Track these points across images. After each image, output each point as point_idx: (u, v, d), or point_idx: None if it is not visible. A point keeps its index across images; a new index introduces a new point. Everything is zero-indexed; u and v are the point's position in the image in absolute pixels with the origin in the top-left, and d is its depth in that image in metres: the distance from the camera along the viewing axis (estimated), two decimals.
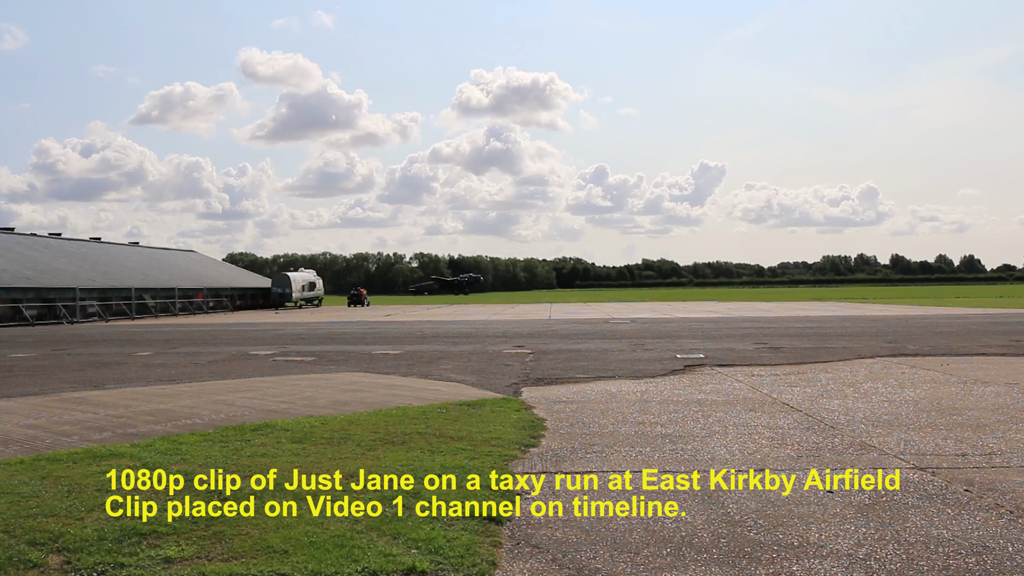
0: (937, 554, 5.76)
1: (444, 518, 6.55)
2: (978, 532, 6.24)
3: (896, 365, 18.25)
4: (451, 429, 10.50)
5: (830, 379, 15.91)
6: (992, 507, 6.92)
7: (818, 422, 11.06)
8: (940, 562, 5.60)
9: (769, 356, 20.81)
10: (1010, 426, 10.58)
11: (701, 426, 10.85)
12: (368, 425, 10.77)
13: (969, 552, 5.79)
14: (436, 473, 7.99)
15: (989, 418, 11.18)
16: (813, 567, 5.53)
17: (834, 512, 6.81)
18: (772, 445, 9.57)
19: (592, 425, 11.01)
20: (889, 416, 11.45)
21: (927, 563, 5.58)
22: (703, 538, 6.17)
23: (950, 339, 25.85)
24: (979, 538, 6.09)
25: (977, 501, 7.11)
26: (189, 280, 71.74)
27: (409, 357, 21.92)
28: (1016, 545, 5.92)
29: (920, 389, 14.19)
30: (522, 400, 13.42)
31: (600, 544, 6.05)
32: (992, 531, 6.26)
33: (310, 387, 15.23)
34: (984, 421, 10.96)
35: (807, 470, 8.30)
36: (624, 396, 13.81)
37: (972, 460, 8.69)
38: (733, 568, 5.54)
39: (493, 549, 5.91)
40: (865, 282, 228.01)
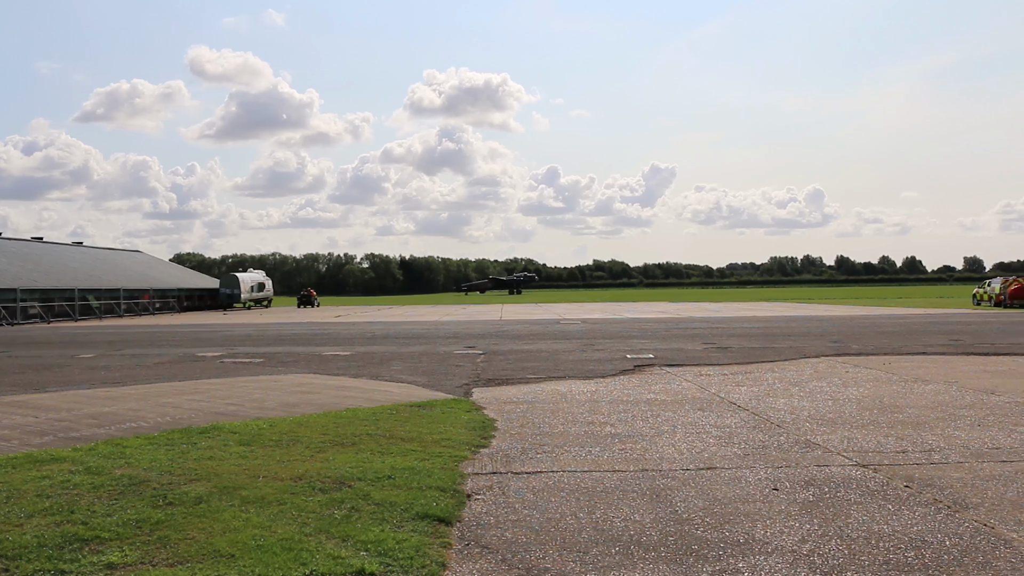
0: (878, 549, 5.88)
1: (394, 520, 6.53)
2: (917, 527, 6.39)
3: (840, 364, 18.60)
4: (401, 430, 10.46)
5: (776, 378, 16.16)
6: (931, 502, 7.09)
7: (764, 421, 11.23)
8: (881, 556, 5.72)
9: (717, 356, 21.07)
10: (948, 423, 10.84)
11: (650, 426, 10.95)
12: (317, 427, 10.68)
13: (909, 546, 5.93)
14: (386, 475, 7.96)
15: (929, 416, 11.45)
16: (758, 564, 5.62)
17: (779, 509, 6.92)
18: (719, 444, 9.69)
19: (542, 425, 11.05)
20: (833, 414, 11.67)
21: (868, 558, 5.70)
22: (651, 536, 6.23)
23: (892, 339, 26.41)
24: (918, 532, 6.24)
25: (917, 497, 7.28)
26: (135, 281, 70.44)
27: (359, 358, 21.79)
28: (953, 539, 6.08)
29: (863, 388, 14.47)
30: (473, 401, 13.42)
31: (549, 543, 6.08)
32: (931, 525, 6.41)
33: (259, 389, 15.07)
34: (924, 419, 11.22)
35: (753, 468, 8.42)
36: (574, 396, 13.88)
37: (912, 457, 8.89)
38: (680, 566, 5.61)
39: (442, 550, 5.91)
40: (811, 283, 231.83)
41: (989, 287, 59.46)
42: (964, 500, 7.15)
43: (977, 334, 28.09)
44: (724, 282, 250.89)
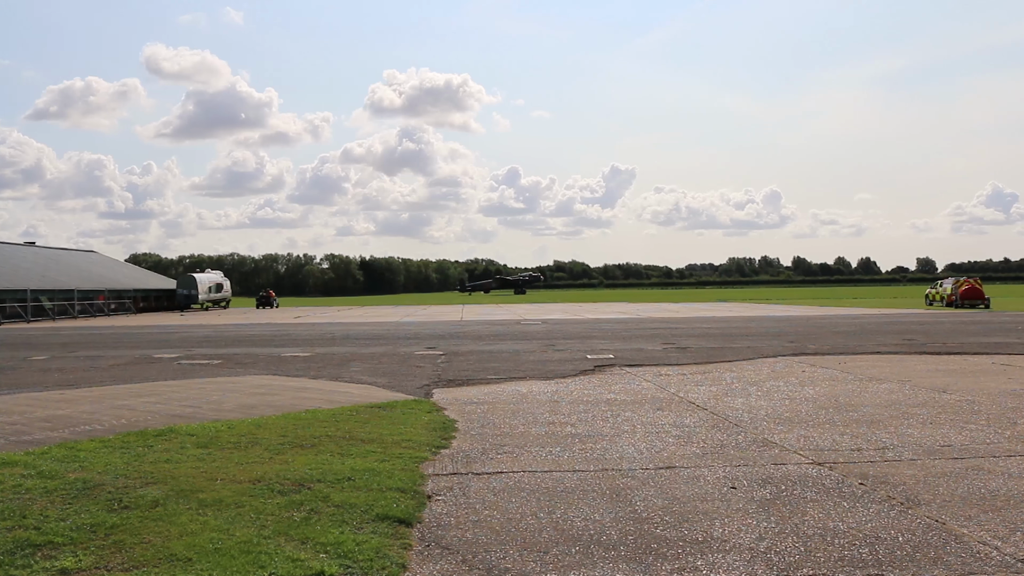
0: (833, 545, 5.97)
1: (353, 521, 6.50)
2: (871, 523, 6.50)
3: (797, 364, 18.84)
4: (361, 432, 10.41)
5: (734, 378, 16.32)
6: (885, 499, 7.22)
7: (723, 420, 11.34)
8: (836, 553, 5.81)
9: (676, 356, 21.23)
10: (902, 421, 11.04)
11: (610, 426, 11.01)
12: (276, 429, 10.59)
13: (863, 543, 6.03)
14: (346, 476, 7.92)
15: (882, 414, 11.65)
16: (716, 561, 5.68)
17: (737, 507, 7.00)
18: (679, 443, 9.78)
19: (503, 426, 11.07)
20: (790, 413, 11.82)
21: (824, 554, 5.79)
22: (611, 536, 6.27)
23: (848, 338, 26.81)
24: (872, 529, 6.35)
25: (871, 494, 7.41)
26: (89, 281, 69.24)
27: (319, 359, 21.64)
28: (906, 535, 6.19)
29: (819, 387, 14.68)
30: (433, 402, 13.39)
31: (510, 544, 6.09)
32: (884, 522, 6.53)
33: (217, 391, 14.90)
34: (878, 417, 11.41)
35: (712, 467, 8.51)
36: (535, 397, 13.91)
37: (866, 455, 9.04)
38: (640, 564, 5.65)
39: (403, 551, 5.89)
40: (768, 283, 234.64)
41: (941, 288, 60.61)
42: (917, 497, 7.28)
43: (929, 334, 28.61)
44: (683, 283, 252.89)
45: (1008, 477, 7.93)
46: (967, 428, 10.51)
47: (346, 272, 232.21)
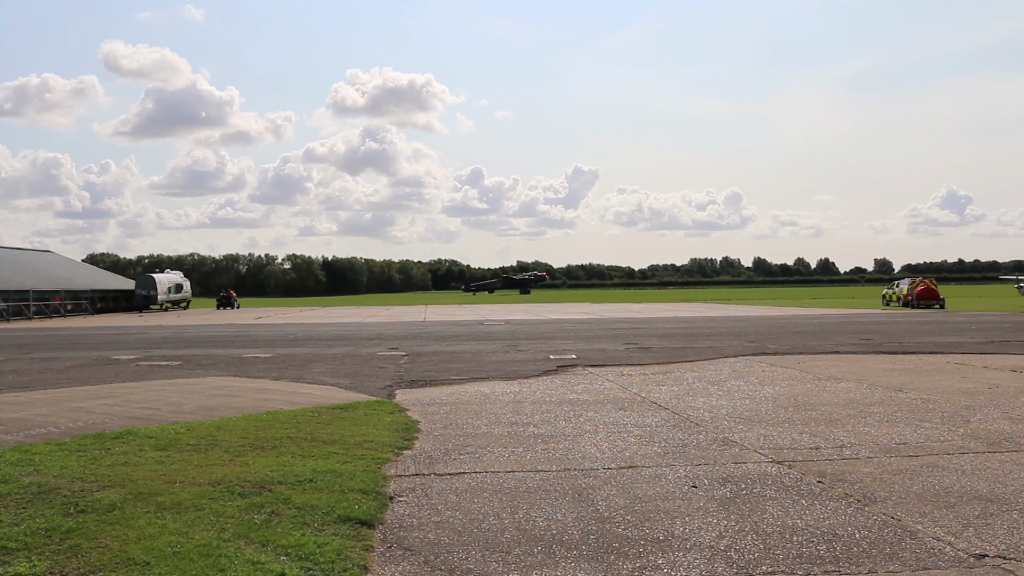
0: (792, 543, 6.05)
1: (315, 523, 6.46)
2: (829, 521, 6.59)
3: (757, 363, 19.04)
4: (323, 433, 10.35)
5: (696, 378, 16.46)
6: (842, 497, 7.32)
7: (684, 420, 11.43)
8: (795, 550, 5.89)
9: (639, 356, 21.36)
10: (859, 420, 11.20)
11: (573, 426, 11.05)
12: (237, 430, 10.50)
13: (821, 540, 6.11)
14: (308, 478, 7.87)
15: (840, 413, 11.81)
16: (677, 560, 5.73)
17: (698, 506, 7.06)
18: (640, 443, 9.84)
19: (466, 426, 11.06)
20: (750, 412, 11.94)
21: (783, 552, 5.86)
22: (573, 535, 6.29)
23: (807, 338, 27.15)
24: (830, 526, 6.44)
25: (829, 492, 7.51)
26: (45, 282, 68.04)
27: (280, 360, 21.47)
28: (863, 532, 6.29)
29: (779, 386, 14.85)
30: (396, 403, 13.35)
31: (472, 544, 6.09)
32: (842, 519, 6.62)
33: (176, 392, 14.73)
34: (836, 416, 11.57)
35: (673, 466, 8.57)
36: (498, 397, 13.92)
37: (824, 453, 9.16)
38: (601, 563, 5.68)
39: (365, 553, 5.87)
40: (729, 284, 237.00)
41: (898, 288, 61.59)
42: (873, 494, 7.40)
43: (886, 333, 29.06)
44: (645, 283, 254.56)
45: (961, 474, 8.08)
46: (922, 426, 10.69)
47: (308, 272, 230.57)
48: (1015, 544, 5.97)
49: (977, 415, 11.48)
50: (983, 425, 10.72)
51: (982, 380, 15.44)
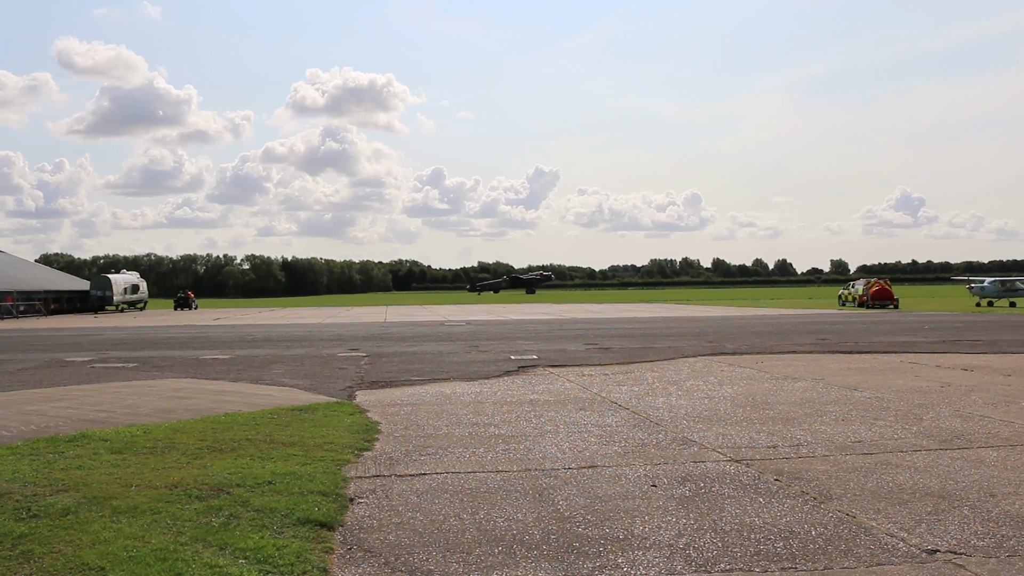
0: (750, 540, 6.12)
1: (274, 526, 6.41)
2: (786, 518, 6.68)
3: (716, 363, 19.23)
4: (283, 435, 10.27)
5: (656, 378, 16.58)
6: (799, 494, 7.43)
7: (644, 419, 11.51)
8: (752, 548, 5.96)
9: (599, 356, 21.46)
10: (815, 418, 11.36)
11: (534, 426, 11.08)
12: (194, 433, 10.38)
13: (778, 537, 6.19)
14: (267, 480, 7.80)
15: (797, 412, 11.97)
16: (637, 558, 5.77)
17: (657, 505, 7.12)
18: (601, 443, 9.89)
19: (427, 427, 11.04)
20: (709, 412, 12.06)
21: (741, 549, 5.93)
22: (534, 535, 6.31)
23: (765, 338, 27.46)
24: (787, 524, 6.53)
25: (786, 489, 7.61)
26: None
27: (239, 362, 21.25)
28: (819, 529, 6.38)
29: (737, 386, 15.01)
30: (356, 404, 13.28)
31: (433, 545, 6.08)
32: (798, 517, 6.71)
33: (132, 395, 14.52)
34: (793, 415, 11.72)
35: (633, 466, 8.63)
36: (459, 398, 13.91)
37: (782, 451, 9.28)
38: (562, 563, 5.70)
39: (325, 555, 5.84)
40: (689, 284, 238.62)
41: (853, 288, 62.52)
42: (829, 491, 7.51)
43: (842, 333, 29.50)
44: (606, 284, 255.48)
45: (914, 471, 8.23)
46: (876, 424, 10.87)
47: (268, 273, 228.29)
48: (966, 540, 6.10)
49: (929, 413, 11.70)
50: (935, 423, 10.93)
51: (934, 379, 15.73)
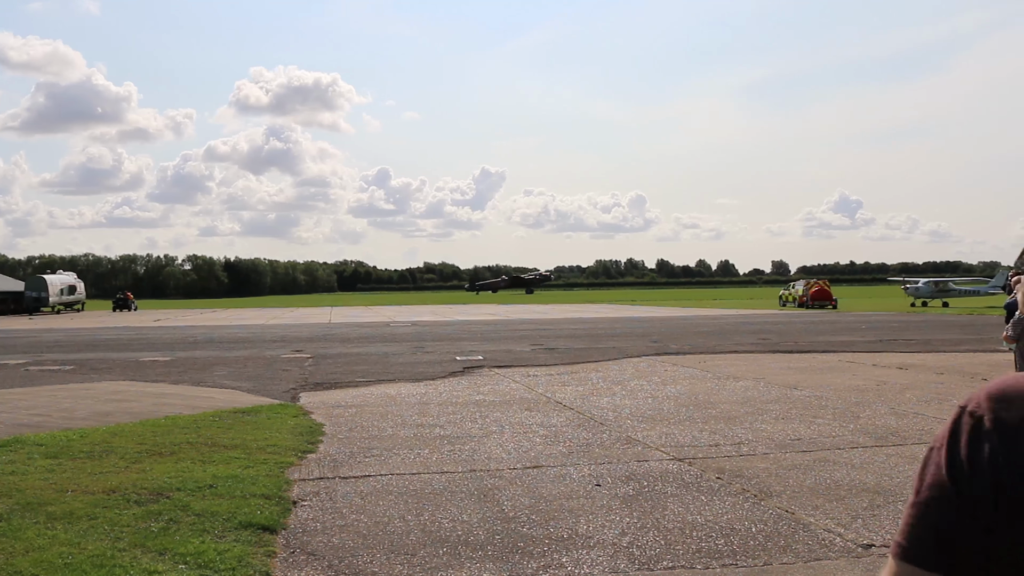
0: (692, 538, 6.21)
1: (215, 530, 6.32)
2: (728, 516, 6.78)
3: (660, 363, 19.43)
4: (224, 438, 10.12)
5: (600, 378, 16.70)
6: (740, 492, 7.55)
7: (588, 419, 11.59)
8: (694, 545, 6.04)
9: (545, 357, 21.54)
10: (756, 417, 11.55)
11: (479, 426, 11.09)
12: (133, 436, 10.18)
13: (720, 534, 6.28)
14: (208, 484, 7.69)
15: (739, 410, 12.16)
16: (581, 557, 5.81)
17: (601, 504, 7.17)
18: (546, 443, 9.93)
19: (371, 429, 10.98)
20: (653, 411, 12.19)
21: (683, 547, 6.00)
22: (479, 536, 6.32)
23: (708, 338, 27.83)
24: (728, 521, 6.63)
25: (727, 487, 7.73)
26: None
27: (180, 364, 20.89)
28: (759, 526, 6.49)
29: (680, 385, 15.19)
30: (300, 406, 13.16)
31: (377, 548, 6.06)
32: (740, 514, 6.82)
33: (68, 398, 14.19)
34: (734, 413, 11.90)
35: (578, 465, 8.69)
36: (404, 399, 13.86)
37: (723, 450, 9.42)
38: (506, 563, 5.72)
39: (267, 559, 5.78)
40: (634, 285, 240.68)
41: (793, 289, 63.71)
42: (769, 489, 7.64)
43: (783, 333, 30.03)
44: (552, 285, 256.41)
45: (851, 468, 8.41)
46: (815, 422, 11.09)
47: (210, 274, 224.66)
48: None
49: (866, 411, 11.97)
50: (871, 421, 11.18)
51: (871, 377, 16.10)
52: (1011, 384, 1.14)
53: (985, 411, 1.13)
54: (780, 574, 5.49)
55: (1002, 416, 1.11)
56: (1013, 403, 1.11)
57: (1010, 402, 1.12)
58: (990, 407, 1.12)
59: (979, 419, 1.13)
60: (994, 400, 1.13)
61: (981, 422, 1.12)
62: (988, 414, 1.12)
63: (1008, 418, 1.10)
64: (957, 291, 57.90)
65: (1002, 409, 1.11)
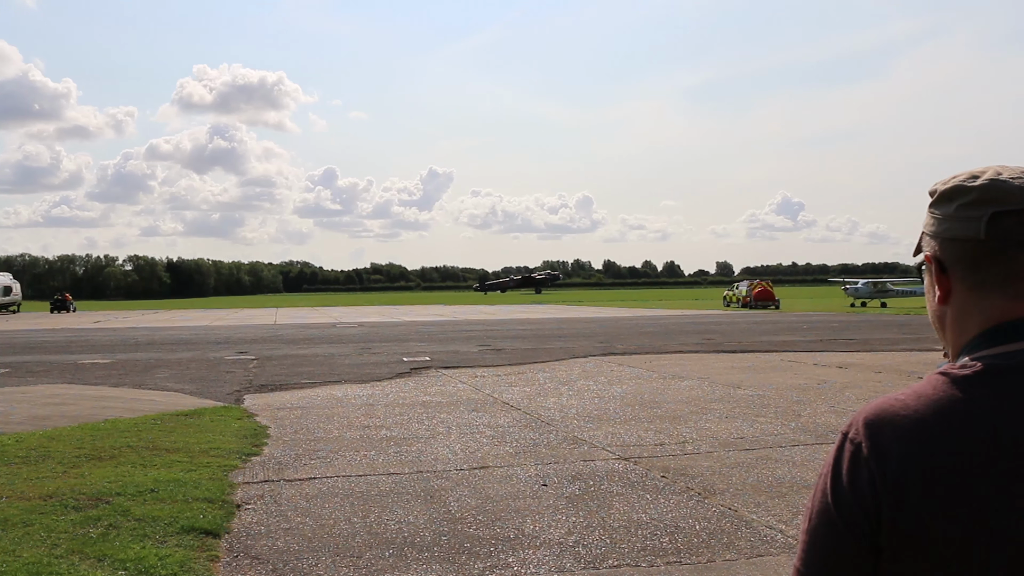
0: (637, 536, 6.27)
1: (156, 535, 6.22)
2: (672, 514, 6.87)
3: (606, 363, 19.57)
4: (166, 441, 9.96)
5: (547, 378, 16.76)
6: (684, 490, 7.64)
7: (535, 419, 11.63)
8: (639, 543, 6.10)
9: (492, 357, 21.56)
10: (700, 416, 11.70)
11: (426, 428, 11.06)
12: (72, 440, 9.96)
13: (664, 532, 6.36)
14: (149, 488, 7.56)
15: (683, 410, 12.30)
16: (527, 557, 5.84)
17: (547, 504, 7.21)
18: (492, 443, 9.95)
19: (317, 431, 10.89)
20: (599, 411, 12.27)
21: (628, 545, 6.06)
22: (425, 537, 6.31)
23: (653, 338, 28.10)
24: (672, 519, 6.71)
25: (672, 486, 7.82)
26: None
27: (121, 366, 20.48)
28: (703, 523, 6.58)
29: (626, 385, 15.32)
30: (244, 408, 13.00)
31: (322, 551, 6.01)
32: (684, 512, 6.91)
33: (3, 402, 13.82)
34: (679, 413, 12.05)
35: (524, 465, 8.72)
36: (350, 400, 13.76)
37: (668, 449, 9.53)
38: (453, 564, 5.72)
39: (210, 564, 5.70)
40: (581, 286, 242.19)
41: (737, 290, 64.64)
42: (712, 487, 7.75)
43: (727, 333, 30.44)
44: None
45: (792, 465, 8.58)
46: (758, 421, 11.27)
47: (151, 274, 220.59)
48: None
49: (807, 409, 12.20)
50: (812, 419, 11.40)
51: (812, 376, 16.41)
52: (885, 408, 1.18)
53: (863, 438, 1.17)
54: (723, 570, 5.57)
55: (877, 441, 1.16)
56: (885, 428, 1.16)
57: (882, 427, 1.16)
58: (866, 433, 1.17)
59: (858, 445, 1.18)
60: (869, 426, 1.18)
61: (860, 448, 1.17)
62: (865, 441, 1.17)
63: (882, 443, 1.15)
64: (895, 292, 59.31)
65: (876, 435, 1.16)
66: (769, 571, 5.55)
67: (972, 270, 1.23)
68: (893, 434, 1.15)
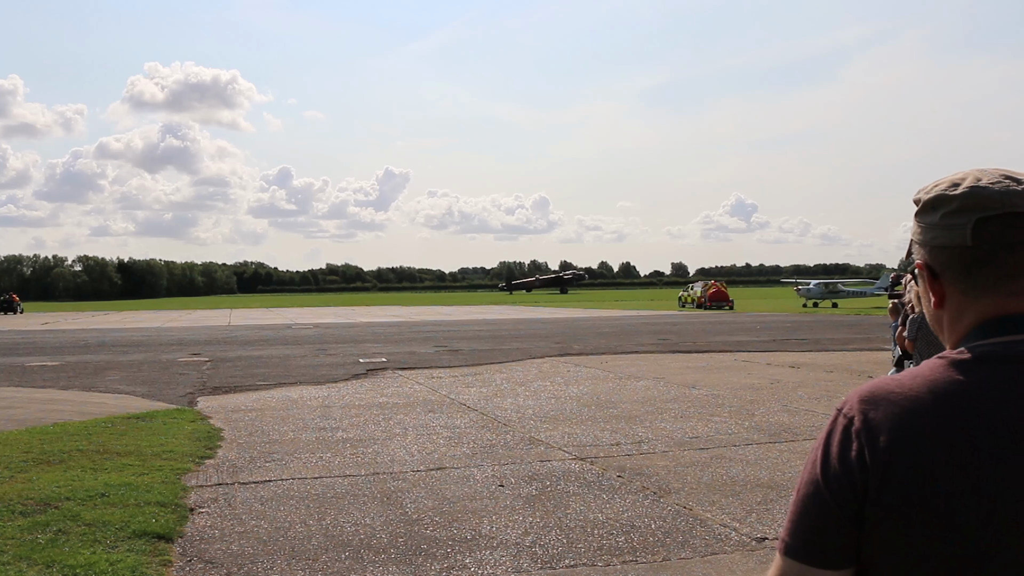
0: (593, 536, 6.31)
1: (107, 540, 6.11)
2: (628, 513, 6.92)
3: (563, 364, 19.65)
4: (117, 444, 9.80)
5: (504, 379, 16.78)
6: (640, 490, 7.70)
7: (492, 420, 11.64)
8: (596, 543, 6.14)
9: (449, 358, 21.53)
10: (656, 416, 11.80)
11: (382, 429, 11.02)
12: (19, 444, 9.75)
13: (620, 531, 6.40)
14: (99, 492, 7.43)
15: (639, 410, 12.40)
16: (484, 558, 5.85)
17: (504, 505, 7.22)
18: (449, 444, 9.94)
19: (272, 433, 10.80)
20: (555, 412, 12.32)
21: (584, 545, 6.10)
22: (381, 539, 6.29)
23: (609, 339, 28.27)
24: (628, 518, 6.76)
25: (628, 485, 7.88)
26: None
27: (70, 368, 20.10)
28: (658, 522, 6.64)
29: (583, 385, 15.40)
30: (198, 410, 12.83)
31: (278, 554, 5.96)
32: (640, 511, 6.97)
33: None
34: (635, 413, 12.13)
35: (481, 466, 8.72)
36: (306, 402, 13.66)
37: (624, 448, 9.60)
38: (409, 566, 5.71)
39: (162, 568, 5.63)
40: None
41: (692, 291, 65.28)
42: (668, 486, 7.83)
43: (682, 333, 30.73)
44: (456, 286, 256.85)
45: (746, 464, 8.68)
46: (712, 420, 11.40)
47: (102, 275, 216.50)
48: None
49: (760, 408, 12.36)
50: (765, 418, 11.56)
51: (765, 376, 16.63)
52: (879, 387, 1.23)
53: (856, 412, 1.22)
54: (678, 569, 5.63)
55: (869, 416, 1.20)
56: (879, 404, 1.21)
57: (876, 403, 1.21)
58: (860, 408, 1.22)
59: (850, 419, 1.23)
60: (864, 402, 1.23)
61: (852, 422, 1.22)
62: (858, 416, 1.22)
63: (875, 418, 1.20)
64: (845, 292, 60.31)
65: (870, 410, 1.21)
66: (723, 569, 5.62)
67: (963, 275, 1.26)
68: (886, 410, 1.19)
